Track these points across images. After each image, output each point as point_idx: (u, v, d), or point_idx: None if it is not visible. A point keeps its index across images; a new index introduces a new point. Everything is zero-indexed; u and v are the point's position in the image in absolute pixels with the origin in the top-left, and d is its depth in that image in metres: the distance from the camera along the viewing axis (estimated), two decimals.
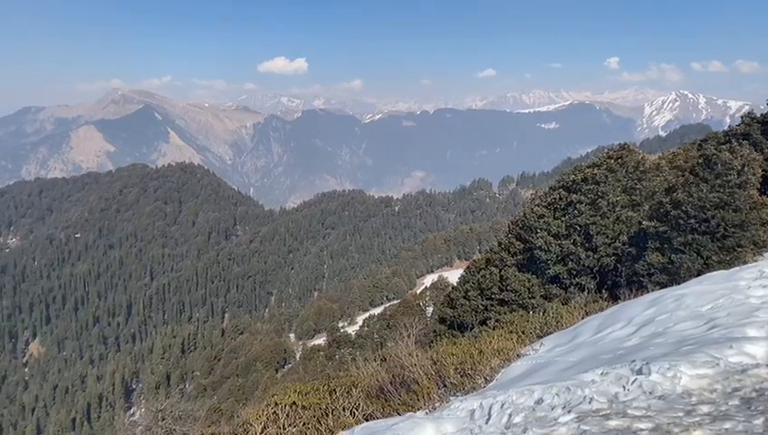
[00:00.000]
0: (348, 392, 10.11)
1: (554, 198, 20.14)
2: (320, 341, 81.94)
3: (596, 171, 18.84)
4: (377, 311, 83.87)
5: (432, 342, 21.75)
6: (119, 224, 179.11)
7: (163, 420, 19.27)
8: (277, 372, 76.72)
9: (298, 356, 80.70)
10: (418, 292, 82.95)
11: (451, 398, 8.49)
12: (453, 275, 68.23)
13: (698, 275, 13.47)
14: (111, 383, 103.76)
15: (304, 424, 9.29)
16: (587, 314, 13.49)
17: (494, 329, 15.71)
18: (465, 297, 24.02)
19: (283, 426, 9.28)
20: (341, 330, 77.20)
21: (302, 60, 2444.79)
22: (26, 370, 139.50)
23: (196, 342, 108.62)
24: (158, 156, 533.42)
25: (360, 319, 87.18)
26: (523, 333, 12.87)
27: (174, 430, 18.69)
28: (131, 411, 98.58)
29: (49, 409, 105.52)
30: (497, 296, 21.35)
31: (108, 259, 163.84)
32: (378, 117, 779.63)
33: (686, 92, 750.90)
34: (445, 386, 9.32)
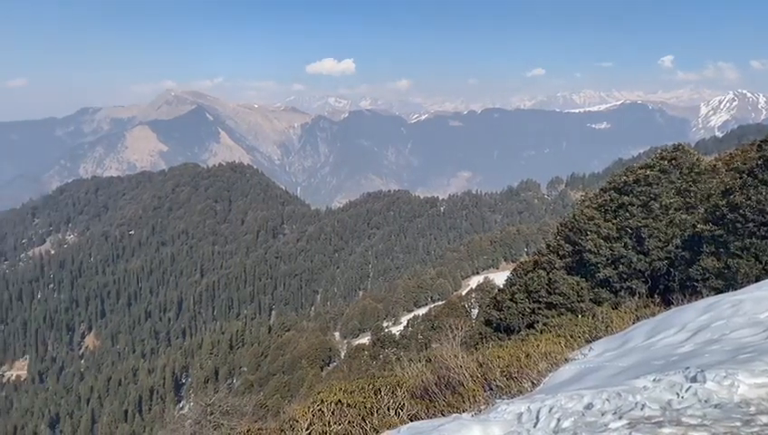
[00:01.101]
0: (393, 392, 10.13)
1: (605, 200, 19.70)
2: (364, 340, 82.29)
3: (649, 173, 18.35)
4: (421, 312, 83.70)
5: (477, 344, 21.58)
6: (171, 222, 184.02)
7: (212, 414, 19.77)
8: (322, 370, 77.41)
9: (342, 355, 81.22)
10: (463, 293, 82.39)
11: (497, 401, 8.41)
12: (499, 277, 67.50)
13: (757, 280, 12.96)
14: (162, 377, 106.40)
15: (349, 422, 9.36)
16: (638, 318, 13.15)
17: (541, 332, 15.48)
18: (511, 300, 23.75)
19: (329, 423, 9.37)
20: (386, 330, 77.31)
21: (349, 61, 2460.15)
22: (82, 361, 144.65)
23: (244, 338, 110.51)
24: (209, 156, 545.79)
25: (404, 319, 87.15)
26: (571, 337, 12.63)
27: (222, 424, 19.13)
28: (181, 405, 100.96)
29: (103, 400, 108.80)
30: (545, 299, 21.03)
31: (160, 256, 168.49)
32: (424, 117, 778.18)
33: (744, 92, 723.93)
34: (490, 389, 9.24)
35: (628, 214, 18.37)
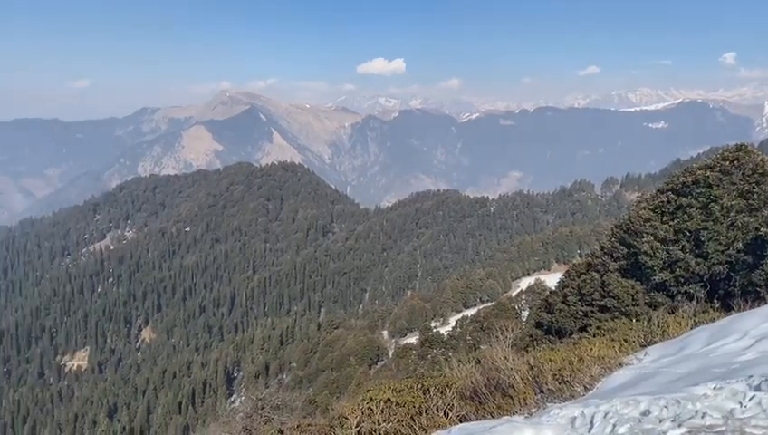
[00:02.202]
0: (442, 392, 10.11)
1: (662, 201, 19.11)
2: (412, 339, 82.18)
3: (709, 173, 17.68)
4: (470, 312, 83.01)
5: (527, 346, 21.30)
6: (225, 219, 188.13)
7: (263, 408, 20.09)
8: (370, 368, 77.68)
9: (390, 354, 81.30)
10: (513, 295, 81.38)
11: (548, 404, 8.30)
12: (550, 279, 66.32)
13: None
14: (215, 371, 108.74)
15: (398, 421, 9.39)
16: (696, 324, 12.72)
17: (594, 336, 15.18)
18: (563, 302, 23.34)
19: (378, 422, 9.42)
20: (434, 330, 77.04)
21: (400, 60, 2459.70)
22: (139, 354, 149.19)
23: (294, 334, 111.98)
24: (262, 155, 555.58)
25: (452, 320, 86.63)
26: (625, 341, 12.33)
27: (272, 418, 19.42)
28: (232, 398, 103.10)
29: (158, 391, 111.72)
30: (598, 302, 20.58)
31: (214, 252, 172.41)
32: (475, 116, 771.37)
33: None
34: (541, 392, 9.12)
35: (686, 216, 17.77)
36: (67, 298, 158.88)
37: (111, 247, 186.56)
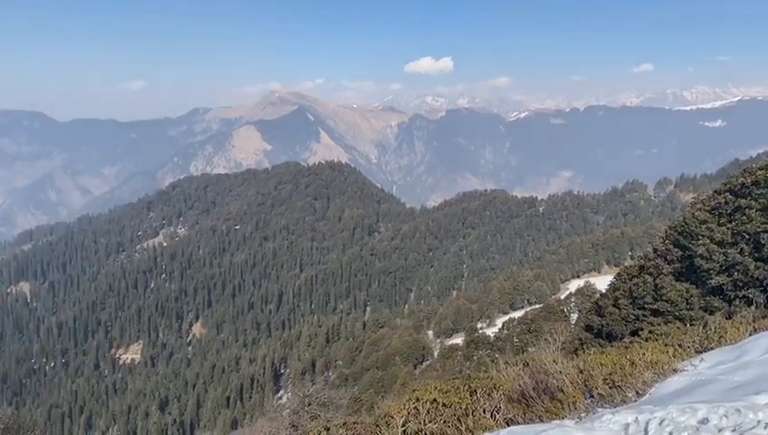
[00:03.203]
0: (489, 394, 10.01)
1: (719, 203, 18.48)
2: (457, 340, 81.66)
3: None
4: (517, 314, 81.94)
5: (577, 349, 20.92)
6: (273, 218, 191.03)
7: (309, 405, 20.35)
8: (415, 368, 77.55)
9: (436, 354, 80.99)
10: (562, 297, 79.88)
11: (599, 409, 8.14)
12: (601, 282, 64.86)
13: None
14: (262, 367, 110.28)
15: (445, 422, 9.33)
16: (755, 330, 12.23)
17: (646, 340, 14.78)
18: (614, 305, 22.83)
19: (424, 422, 9.39)
20: (480, 331, 76.38)
21: (447, 59, 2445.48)
22: (189, 348, 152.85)
23: (340, 332, 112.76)
24: (310, 154, 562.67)
25: (499, 321, 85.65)
26: (679, 346, 11.96)
27: (319, 415, 19.65)
28: (279, 394, 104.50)
29: (207, 385, 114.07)
30: (651, 306, 20.05)
31: (263, 250, 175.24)
32: (524, 115, 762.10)
33: None
34: (591, 396, 8.94)
35: (745, 218, 17.12)
36: (122, 293, 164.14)
37: (164, 244, 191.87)
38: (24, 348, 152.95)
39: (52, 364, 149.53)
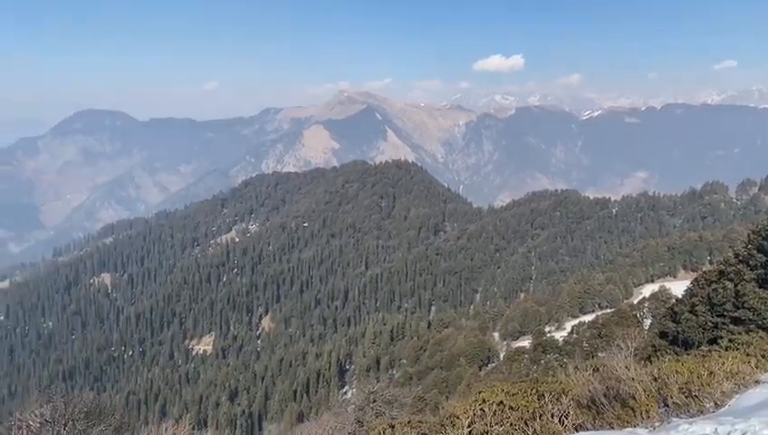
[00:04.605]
0: (557, 399, 9.84)
1: None
2: (524, 343, 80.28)
3: None
4: (587, 318, 79.75)
5: (650, 356, 20.20)
6: (340, 216, 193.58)
7: (374, 402, 20.54)
8: (480, 370, 76.82)
9: (502, 356, 79.92)
10: (635, 302, 77.21)
11: (674, 419, 7.87)
12: (676, 287, 62.28)
13: None
14: (328, 362, 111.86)
15: (511, 425, 9.25)
16: None
17: (726, 349, 14.12)
18: (691, 312, 21.90)
19: (490, 424, 9.33)
20: (548, 334, 74.87)
21: (518, 57, 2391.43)
22: (259, 341, 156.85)
23: (404, 331, 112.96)
24: (377, 153, 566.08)
25: (568, 325, 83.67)
26: (762, 356, 11.39)
27: (383, 412, 19.81)
28: (344, 390, 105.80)
29: (275, 378, 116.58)
30: (731, 314, 19.12)
31: (329, 247, 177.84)
32: (597, 113, 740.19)
33: None
34: (666, 405, 8.64)
35: None
36: (195, 286, 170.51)
37: (236, 240, 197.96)
38: (104, 336, 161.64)
39: (130, 353, 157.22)
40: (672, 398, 8.57)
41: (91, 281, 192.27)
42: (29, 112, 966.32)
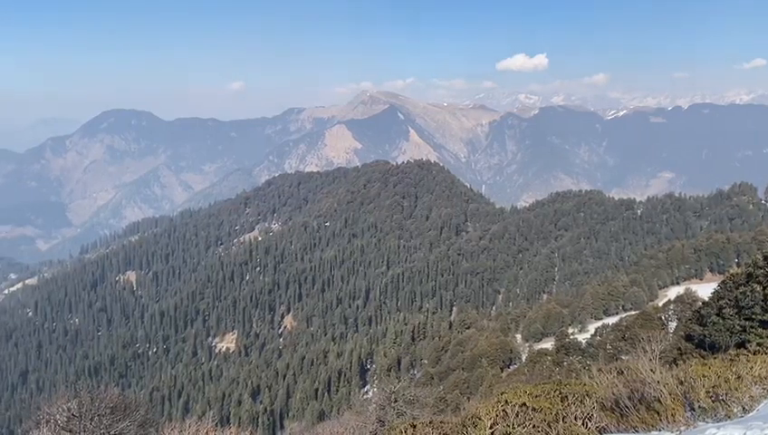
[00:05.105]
0: (581, 401, 9.77)
1: None
2: (547, 345, 79.60)
3: None
4: (611, 320, 78.88)
5: (675, 360, 19.94)
6: (361, 215, 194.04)
7: (396, 401, 20.57)
8: (502, 371, 76.36)
9: (524, 358, 79.38)
10: (660, 304, 76.06)
11: (700, 423, 7.77)
12: (703, 289, 61.21)
13: None
14: (349, 361, 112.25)
15: (534, 426, 9.19)
16: None
17: (754, 353, 13.86)
18: (718, 315, 21.53)
19: (513, 425, 9.29)
20: (571, 336, 74.09)
21: (542, 56, 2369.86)
22: (281, 340, 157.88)
23: (425, 331, 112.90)
24: (399, 153, 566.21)
25: (591, 327, 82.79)
26: None
27: (405, 412, 19.84)
28: (365, 389, 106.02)
29: (297, 377, 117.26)
30: (760, 317, 18.77)
31: (351, 247, 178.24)
32: (622, 113, 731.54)
33: None
34: (692, 409, 8.52)
35: None
36: (219, 284, 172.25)
37: (259, 238, 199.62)
38: (129, 333, 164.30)
39: (155, 349, 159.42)
40: (699, 402, 8.45)
41: (117, 278, 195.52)
42: (60, 112, 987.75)
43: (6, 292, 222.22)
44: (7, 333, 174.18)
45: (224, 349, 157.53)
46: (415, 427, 11.95)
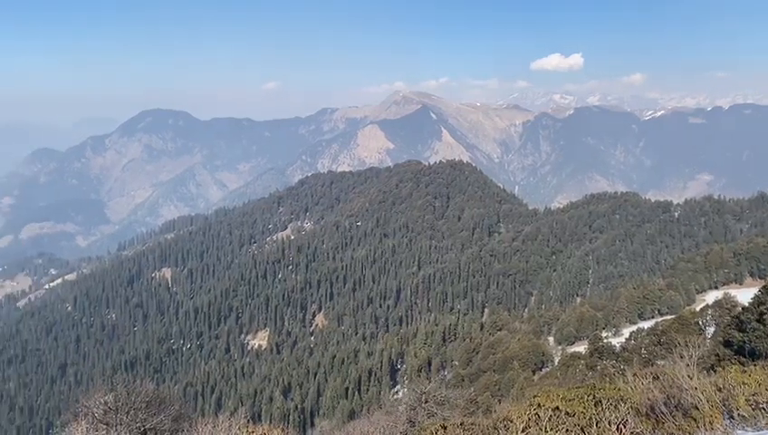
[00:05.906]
0: (615, 406, 9.62)
1: None
2: (579, 348, 78.48)
3: None
4: (646, 325, 77.42)
5: (713, 366, 19.48)
6: (393, 215, 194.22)
7: (426, 402, 20.56)
8: (534, 374, 75.63)
9: (556, 361, 78.41)
10: (697, 309, 74.34)
11: (738, 431, 7.61)
12: (743, 295, 59.69)
13: None
14: (380, 360, 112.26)
15: (567, 431, 9.09)
16: None
17: None
18: (758, 321, 20.99)
19: (545, 429, 9.20)
20: (605, 340, 72.88)
21: (577, 55, 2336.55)
22: (312, 338, 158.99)
23: (456, 332, 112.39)
24: (431, 153, 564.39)
25: (626, 331, 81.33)
26: None
27: (435, 413, 19.81)
28: (395, 389, 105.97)
29: (327, 375, 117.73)
30: None
31: (382, 247, 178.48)
32: (660, 113, 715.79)
33: None
34: (731, 417, 8.34)
35: None
36: (252, 282, 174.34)
37: (292, 237, 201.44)
38: (164, 329, 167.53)
39: (189, 346, 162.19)
40: (738, 410, 8.28)
41: (153, 275, 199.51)
42: (101, 112, 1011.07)
43: (47, 287, 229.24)
44: (47, 327, 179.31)
45: (256, 346, 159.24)
46: (446, 428, 11.92)
